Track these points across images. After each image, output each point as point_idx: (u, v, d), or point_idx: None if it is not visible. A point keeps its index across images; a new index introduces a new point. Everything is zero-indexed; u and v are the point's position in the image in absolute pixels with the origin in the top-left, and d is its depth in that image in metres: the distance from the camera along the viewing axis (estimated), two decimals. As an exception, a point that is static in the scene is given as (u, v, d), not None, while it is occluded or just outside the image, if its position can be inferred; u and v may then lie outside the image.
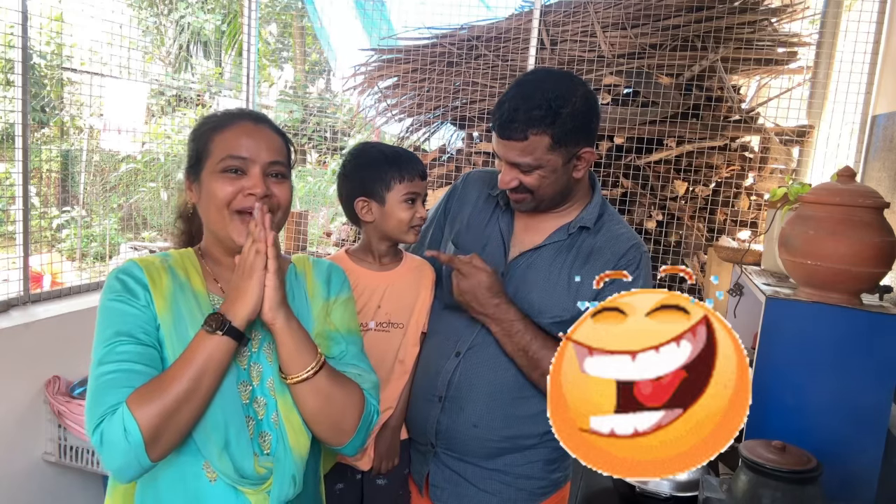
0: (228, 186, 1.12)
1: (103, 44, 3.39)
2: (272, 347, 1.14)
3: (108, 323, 1.08)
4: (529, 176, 1.41)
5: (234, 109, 1.22)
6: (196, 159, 1.17)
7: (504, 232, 1.55)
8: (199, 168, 1.16)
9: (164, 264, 1.16)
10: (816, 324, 1.57)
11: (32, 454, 2.34)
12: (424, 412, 1.53)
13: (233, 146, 1.13)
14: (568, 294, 1.45)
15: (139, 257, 1.18)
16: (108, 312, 1.10)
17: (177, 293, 1.13)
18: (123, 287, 1.11)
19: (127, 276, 1.12)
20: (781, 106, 3.08)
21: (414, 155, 1.59)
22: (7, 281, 2.44)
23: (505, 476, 1.51)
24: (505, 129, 1.38)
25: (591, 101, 1.42)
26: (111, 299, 1.10)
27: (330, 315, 1.25)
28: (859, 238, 1.51)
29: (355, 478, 1.58)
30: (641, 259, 1.46)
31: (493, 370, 1.48)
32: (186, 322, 1.10)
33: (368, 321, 1.54)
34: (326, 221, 4.76)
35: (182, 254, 1.21)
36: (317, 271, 1.29)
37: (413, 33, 3.54)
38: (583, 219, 1.49)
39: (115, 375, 1.03)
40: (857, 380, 1.55)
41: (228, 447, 1.08)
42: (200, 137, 1.17)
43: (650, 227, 3.00)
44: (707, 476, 1.49)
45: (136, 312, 1.09)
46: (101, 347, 1.06)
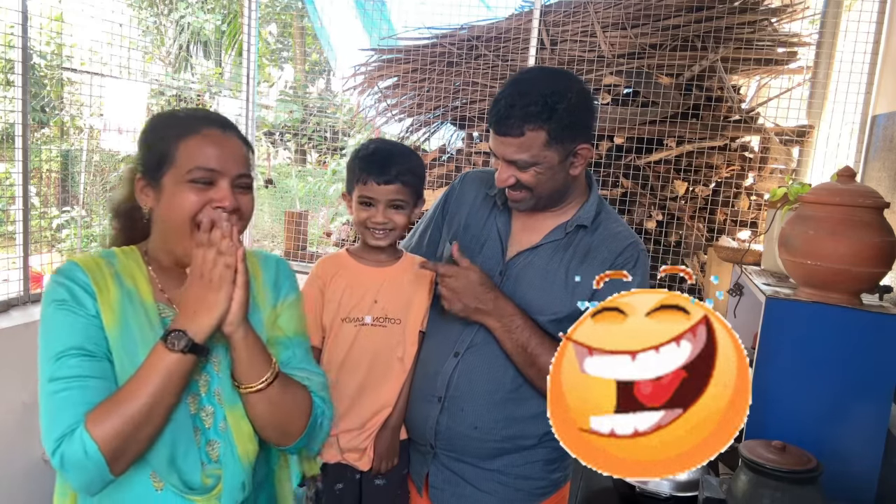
0: (195, 197, 1.08)
1: (103, 44, 3.39)
2: (219, 357, 1.13)
3: (56, 335, 1.03)
4: (526, 173, 1.40)
5: (198, 112, 1.18)
6: (156, 163, 1.10)
7: (501, 231, 1.55)
8: (158, 173, 1.10)
9: (110, 269, 1.10)
10: (816, 324, 1.57)
11: (32, 455, 2.34)
12: (424, 413, 1.53)
13: (201, 157, 1.08)
14: (565, 292, 1.45)
15: (81, 257, 1.11)
16: (53, 323, 1.04)
17: (125, 304, 1.08)
18: (69, 294, 1.05)
19: (71, 281, 1.06)
20: (781, 106, 3.07)
21: (393, 157, 1.53)
22: (7, 281, 2.44)
23: (504, 476, 1.51)
24: (501, 126, 1.38)
25: (587, 98, 1.42)
26: (57, 308, 1.04)
27: (278, 320, 1.22)
28: (859, 238, 1.51)
29: (354, 478, 1.58)
30: (639, 257, 1.46)
31: (492, 370, 1.47)
32: (136, 338, 1.06)
33: (364, 316, 1.54)
34: (326, 221, 4.76)
35: (126, 254, 1.15)
36: (266, 275, 1.25)
37: (413, 33, 3.54)
38: (580, 217, 1.49)
39: (68, 393, 0.99)
40: (857, 380, 1.55)
41: (175, 460, 1.06)
42: (162, 141, 1.11)
43: (650, 227, 3.00)
44: (707, 476, 1.49)
45: (84, 322, 1.04)
46: (51, 362, 1.01)
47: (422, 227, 1.70)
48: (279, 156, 7.66)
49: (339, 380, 1.53)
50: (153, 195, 1.11)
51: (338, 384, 1.53)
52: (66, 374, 1.00)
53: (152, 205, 1.12)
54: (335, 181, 5.94)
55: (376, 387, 1.55)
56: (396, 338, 1.56)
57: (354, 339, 1.54)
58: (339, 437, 1.55)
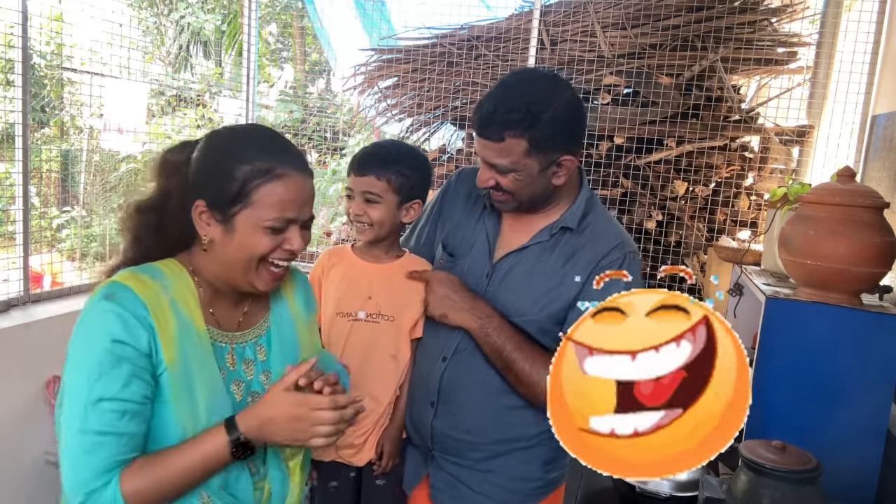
0: (269, 242, 1.07)
1: (103, 44, 3.39)
2: (262, 349, 1.18)
3: (99, 368, 0.97)
4: (505, 178, 1.38)
5: (272, 144, 1.10)
6: (228, 198, 1.05)
7: (490, 233, 1.54)
8: (230, 210, 1.06)
9: (166, 296, 1.05)
10: (816, 324, 1.58)
11: (33, 454, 2.34)
12: (421, 417, 1.54)
13: (284, 207, 1.07)
14: (549, 294, 1.44)
15: (135, 282, 1.03)
16: (98, 354, 0.97)
17: (183, 337, 1.05)
18: (124, 327, 0.98)
19: (129, 312, 0.99)
20: (781, 106, 3.07)
21: (378, 153, 1.56)
22: (7, 281, 2.44)
23: (501, 478, 1.50)
24: (482, 129, 1.36)
25: (576, 108, 1.39)
26: (109, 339, 0.97)
27: (312, 334, 1.29)
28: (859, 238, 1.51)
29: (349, 475, 1.58)
30: (625, 258, 1.42)
31: (479, 374, 1.47)
32: (193, 371, 1.05)
33: (358, 311, 1.55)
34: (326, 221, 4.76)
35: (176, 275, 1.10)
36: (296, 291, 1.29)
37: (413, 33, 3.54)
38: (565, 219, 1.47)
39: (105, 438, 0.96)
40: (857, 380, 1.55)
41: (227, 487, 1.08)
42: (242, 178, 1.05)
43: (650, 227, 3.00)
44: (707, 476, 1.49)
45: (136, 361, 0.99)
46: (87, 398, 0.96)
47: (419, 224, 1.70)
48: (279, 156, 7.63)
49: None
50: (220, 229, 1.07)
51: None
52: (102, 427, 0.96)
53: (215, 237, 1.08)
54: (335, 181, 5.93)
55: (368, 383, 1.55)
56: (390, 335, 1.56)
57: (349, 334, 1.55)
58: None
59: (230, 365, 1.13)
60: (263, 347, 1.18)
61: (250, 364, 1.15)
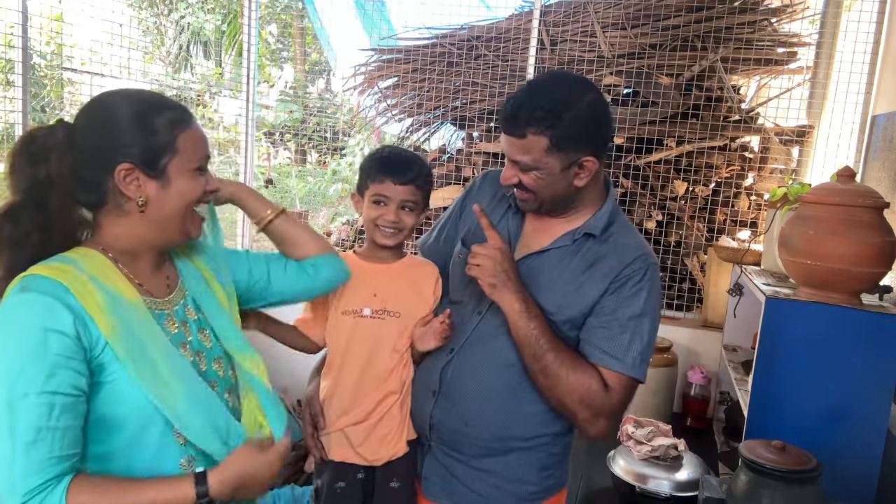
0: (201, 184, 1.14)
1: (103, 44, 3.39)
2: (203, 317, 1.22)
3: (20, 363, 0.93)
4: (527, 175, 1.40)
5: (164, 98, 1.16)
6: (160, 151, 1.07)
7: (512, 233, 1.54)
8: (161, 161, 1.08)
9: (83, 273, 1.02)
10: (816, 324, 1.58)
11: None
12: (421, 406, 1.54)
13: (201, 148, 1.15)
14: (567, 299, 1.44)
15: (46, 270, 0.99)
16: (16, 348, 0.93)
17: (115, 307, 1.02)
18: (47, 310, 0.95)
19: (49, 296, 0.96)
20: (781, 106, 3.07)
21: (410, 161, 1.57)
22: (7, 281, 2.43)
23: (494, 478, 1.49)
24: (507, 124, 1.39)
25: (599, 110, 1.40)
26: (36, 328, 0.94)
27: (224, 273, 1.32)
28: (859, 238, 1.51)
29: (356, 476, 1.57)
30: (647, 270, 1.41)
31: (485, 368, 1.47)
32: (144, 339, 1.04)
33: (363, 308, 1.56)
34: (326, 221, 4.76)
35: (87, 256, 1.06)
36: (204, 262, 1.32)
37: (413, 33, 3.54)
38: (589, 225, 1.46)
39: (37, 436, 0.92)
40: (857, 380, 1.55)
41: (218, 431, 1.11)
42: (164, 128, 1.08)
43: (650, 227, 3.00)
44: (707, 476, 1.50)
45: (62, 349, 0.95)
46: (10, 395, 0.92)
47: (440, 223, 1.71)
48: (279, 156, 7.67)
49: (340, 376, 1.54)
50: (154, 185, 1.09)
51: (338, 380, 1.54)
52: (31, 423, 0.92)
53: (150, 194, 1.08)
54: (335, 181, 5.94)
55: (377, 377, 1.55)
56: (396, 330, 1.57)
57: (353, 330, 1.55)
58: (346, 433, 1.54)
59: (172, 329, 1.14)
60: (190, 307, 1.21)
61: (187, 325, 1.18)
